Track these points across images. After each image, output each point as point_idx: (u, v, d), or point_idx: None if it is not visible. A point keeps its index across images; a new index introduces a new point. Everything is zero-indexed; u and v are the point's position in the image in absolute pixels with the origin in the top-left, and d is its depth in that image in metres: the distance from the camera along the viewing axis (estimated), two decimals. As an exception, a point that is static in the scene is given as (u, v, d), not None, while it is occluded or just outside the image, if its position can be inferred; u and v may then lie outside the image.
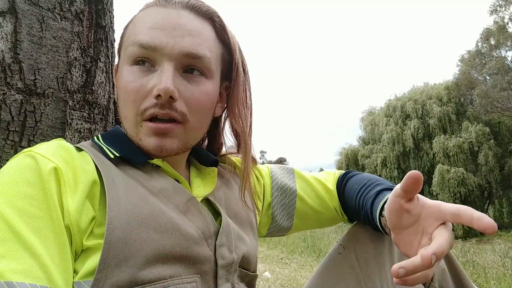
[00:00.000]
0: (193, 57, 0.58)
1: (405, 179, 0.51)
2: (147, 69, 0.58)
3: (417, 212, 0.54)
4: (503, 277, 4.07)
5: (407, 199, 0.54)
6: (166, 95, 0.55)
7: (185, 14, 0.60)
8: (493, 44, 14.61)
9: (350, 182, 0.80)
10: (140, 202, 0.53)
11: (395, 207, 0.55)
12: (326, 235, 7.78)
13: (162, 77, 0.56)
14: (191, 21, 0.60)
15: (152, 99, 0.56)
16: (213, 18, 0.63)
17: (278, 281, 3.90)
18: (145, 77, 0.57)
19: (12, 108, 0.71)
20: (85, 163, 0.54)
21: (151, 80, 0.57)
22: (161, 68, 0.57)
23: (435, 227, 0.51)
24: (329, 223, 0.86)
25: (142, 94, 0.57)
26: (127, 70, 0.59)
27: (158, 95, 0.55)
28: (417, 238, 0.54)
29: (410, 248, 0.55)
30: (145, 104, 0.57)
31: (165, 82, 0.55)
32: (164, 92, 0.55)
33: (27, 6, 0.74)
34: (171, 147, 0.59)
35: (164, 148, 0.58)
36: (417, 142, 15.56)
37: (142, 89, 0.57)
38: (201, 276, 0.55)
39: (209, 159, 0.70)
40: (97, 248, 0.48)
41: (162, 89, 0.55)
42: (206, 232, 0.58)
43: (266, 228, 0.81)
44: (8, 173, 0.48)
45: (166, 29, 0.57)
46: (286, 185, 0.80)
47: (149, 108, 0.57)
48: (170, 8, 0.59)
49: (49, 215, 0.46)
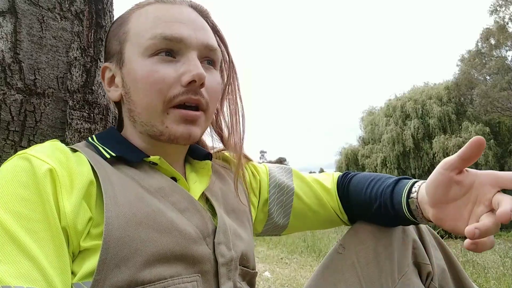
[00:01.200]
0: (210, 49, 0.62)
1: (469, 144, 0.52)
2: (169, 59, 0.59)
3: (469, 181, 0.56)
4: (503, 277, 4.07)
5: (460, 169, 0.56)
6: (200, 80, 0.57)
7: (193, 12, 0.64)
8: (493, 44, 14.62)
9: (355, 179, 0.80)
10: (137, 202, 0.53)
11: (443, 180, 0.57)
12: (326, 235, 7.78)
13: (190, 65, 0.58)
14: (198, 18, 0.64)
15: (180, 87, 0.58)
16: (208, 17, 0.67)
17: (278, 281, 3.90)
18: (168, 67, 0.59)
19: (12, 108, 0.71)
20: (80, 164, 0.54)
21: (176, 69, 0.58)
22: (186, 57, 0.59)
23: (492, 194, 0.53)
24: (327, 225, 0.85)
25: (169, 82, 0.58)
26: (143, 61, 0.59)
27: (192, 81, 0.57)
28: (468, 209, 0.56)
29: (458, 221, 0.57)
30: (173, 91, 0.58)
31: (199, 68, 0.57)
32: (198, 78, 0.57)
33: (27, 6, 0.74)
34: (197, 134, 0.61)
35: (192, 135, 0.60)
36: (417, 142, 15.57)
37: (169, 77, 0.58)
38: (201, 275, 0.55)
39: (202, 153, 0.71)
40: (94, 249, 0.48)
41: (197, 74, 0.57)
42: (204, 230, 0.58)
43: (262, 225, 0.81)
44: (3, 175, 0.48)
45: (185, 22, 0.60)
46: (283, 183, 0.81)
47: (178, 95, 0.58)
48: (179, 5, 0.63)
49: (45, 217, 0.46)
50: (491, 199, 0.53)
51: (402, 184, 0.70)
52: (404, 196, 0.67)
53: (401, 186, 0.69)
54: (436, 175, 0.58)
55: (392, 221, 0.74)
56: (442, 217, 0.59)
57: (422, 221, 0.67)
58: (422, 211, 0.64)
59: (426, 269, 0.76)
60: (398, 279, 0.74)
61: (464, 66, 15.05)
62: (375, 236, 0.76)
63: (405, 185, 0.68)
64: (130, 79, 0.61)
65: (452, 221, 0.58)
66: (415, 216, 0.67)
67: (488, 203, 0.53)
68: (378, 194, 0.73)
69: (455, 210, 0.58)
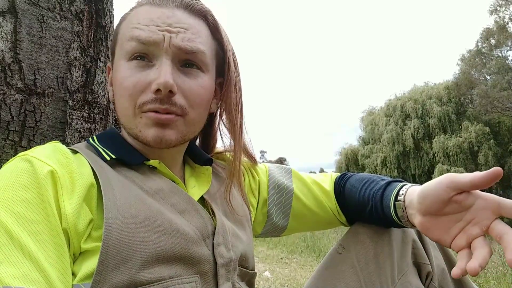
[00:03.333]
0: (188, 52, 0.59)
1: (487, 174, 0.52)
2: (144, 64, 0.58)
3: (469, 202, 0.56)
4: (503, 277, 4.07)
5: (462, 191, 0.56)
6: (165, 89, 0.55)
7: (179, 13, 0.61)
8: (493, 44, 14.61)
9: (351, 180, 0.80)
10: (137, 203, 0.53)
11: (443, 196, 0.56)
12: (326, 235, 7.78)
13: (160, 72, 0.56)
14: (185, 19, 0.61)
15: (151, 94, 0.57)
16: (206, 16, 0.64)
17: (278, 281, 3.90)
18: (142, 72, 0.58)
19: (12, 108, 0.71)
20: (81, 166, 0.54)
21: (149, 74, 0.57)
22: (159, 63, 0.58)
23: (491, 220, 0.53)
24: (325, 226, 0.86)
25: (140, 88, 0.57)
26: (123, 65, 0.59)
27: (158, 89, 0.56)
28: (459, 226, 0.56)
29: (446, 234, 0.58)
30: (143, 98, 0.57)
31: (164, 76, 0.55)
32: (163, 86, 0.55)
33: (27, 6, 0.74)
34: (170, 138, 0.59)
35: (164, 139, 0.58)
36: (417, 142, 15.56)
37: (140, 84, 0.57)
38: (200, 276, 0.55)
39: (203, 158, 0.70)
40: (95, 251, 0.48)
41: (162, 83, 0.55)
42: (204, 231, 0.58)
43: (262, 226, 0.81)
44: (4, 177, 0.48)
45: (161, 26, 0.58)
46: (283, 183, 0.81)
47: (147, 102, 0.57)
48: (165, 7, 0.60)
49: (46, 219, 0.46)
50: (489, 225, 0.54)
51: (391, 187, 0.70)
52: (392, 199, 0.67)
53: (390, 189, 0.69)
54: (437, 189, 0.57)
55: (385, 223, 0.74)
56: (430, 226, 0.59)
57: (407, 225, 0.67)
58: (408, 216, 0.64)
59: (425, 269, 0.76)
60: (397, 279, 0.74)
61: (465, 66, 15.04)
62: (375, 236, 0.76)
63: (394, 189, 0.68)
64: (114, 82, 0.62)
65: (439, 232, 0.58)
66: (400, 220, 0.67)
67: (485, 228, 0.54)
68: (370, 197, 0.73)
69: (445, 223, 0.58)
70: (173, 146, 0.61)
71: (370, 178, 0.77)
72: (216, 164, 0.75)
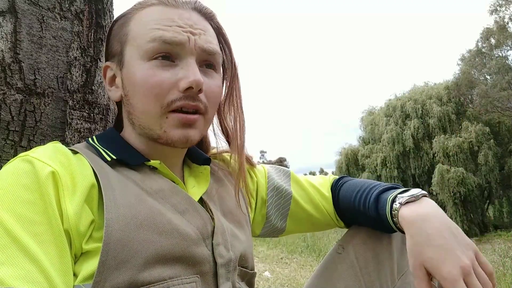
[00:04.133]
0: (209, 53, 0.61)
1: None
2: (168, 63, 0.59)
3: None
4: (503, 276, 4.07)
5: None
6: (197, 87, 0.57)
7: (195, 15, 0.63)
8: (494, 43, 14.61)
9: (344, 187, 0.81)
10: (137, 204, 0.53)
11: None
12: (326, 235, 7.78)
13: (189, 71, 0.58)
14: (200, 21, 0.63)
15: (178, 92, 0.58)
16: (212, 19, 0.66)
17: (278, 281, 3.90)
18: (166, 71, 0.58)
19: (12, 108, 0.71)
20: (82, 167, 0.54)
21: (175, 73, 0.58)
22: (185, 62, 0.59)
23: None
24: (323, 228, 0.87)
25: (167, 87, 0.58)
26: (143, 65, 0.58)
27: (189, 87, 0.57)
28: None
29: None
30: (170, 97, 0.58)
31: (196, 75, 0.57)
32: (196, 84, 0.57)
33: (27, 6, 0.74)
34: (195, 137, 0.61)
35: (189, 139, 0.60)
36: (417, 142, 15.55)
37: (166, 82, 0.58)
38: (200, 276, 0.55)
39: (201, 158, 0.70)
40: (96, 252, 0.48)
41: (194, 81, 0.57)
42: (204, 232, 0.58)
43: (260, 227, 0.82)
44: (5, 178, 0.48)
45: (184, 27, 0.59)
46: (281, 186, 0.81)
47: (176, 100, 0.58)
48: (181, 9, 0.61)
49: (47, 220, 0.46)
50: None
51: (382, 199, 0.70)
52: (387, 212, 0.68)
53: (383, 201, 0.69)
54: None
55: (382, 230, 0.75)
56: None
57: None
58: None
59: (425, 269, 0.76)
60: (397, 279, 0.74)
61: (465, 66, 15.02)
62: (375, 236, 0.76)
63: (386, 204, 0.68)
64: (129, 82, 0.61)
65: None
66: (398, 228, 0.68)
67: None
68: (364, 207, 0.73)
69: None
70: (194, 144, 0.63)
71: (362, 186, 0.77)
72: (213, 164, 0.75)
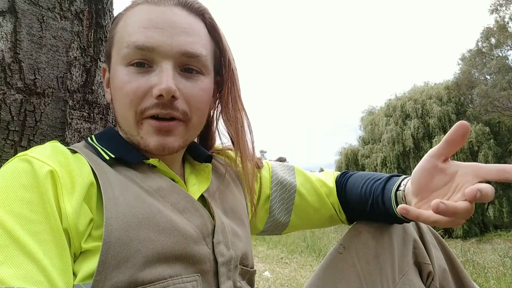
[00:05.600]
0: (190, 56, 0.58)
1: (454, 128, 0.53)
2: (143, 70, 0.57)
3: (452, 171, 0.56)
4: (503, 276, 4.06)
5: (445, 156, 0.57)
6: (168, 95, 0.55)
7: (178, 12, 0.59)
8: (494, 43, 14.60)
9: (353, 177, 0.81)
10: (137, 203, 0.53)
11: (428, 166, 0.58)
12: (326, 235, 7.78)
13: (162, 77, 0.55)
14: (185, 18, 0.59)
15: (152, 99, 0.56)
16: (204, 15, 0.63)
17: (278, 281, 3.90)
18: (142, 77, 0.57)
19: (12, 108, 0.71)
20: (81, 166, 0.53)
21: (149, 80, 0.56)
22: (160, 67, 0.57)
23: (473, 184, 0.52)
24: (327, 223, 0.86)
25: (141, 94, 0.57)
26: (122, 70, 0.58)
27: (160, 95, 0.55)
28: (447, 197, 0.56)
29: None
30: (144, 104, 0.57)
31: (166, 82, 0.55)
32: (166, 92, 0.55)
33: (27, 6, 0.74)
34: (173, 145, 0.59)
35: (166, 147, 0.58)
36: (417, 141, 15.56)
37: (140, 89, 0.57)
38: (201, 275, 0.55)
39: (203, 155, 0.70)
40: (95, 251, 0.48)
41: (164, 88, 0.54)
42: (204, 230, 0.58)
43: (263, 222, 0.81)
44: (4, 178, 0.48)
45: (161, 28, 0.57)
46: (286, 180, 0.81)
47: (149, 108, 0.56)
48: (163, 6, 0.59)
49: (46, 219, 0.46)
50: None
51: (392, 181, 0.71)
52: (393, 191, 0.68)
53: (392, 182, 0.70)
54: (421, 162, 0.60)
55: (386, 218, 0.75)
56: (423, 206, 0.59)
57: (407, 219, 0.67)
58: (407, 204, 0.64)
59: (426, 269, 0.76)
60: (398, 279, 0.74)
61: (465, 66, 15.03)
62: (376, 236, 0.76)
63: (395, 181, 0.69)
64: (112, 86, 0.61)
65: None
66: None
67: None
68: (371, 191, 0.74)
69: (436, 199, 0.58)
70: (176, 152, 0.61)
71: (371, 175, 0.78)
72: (215, 160, 0.74)
